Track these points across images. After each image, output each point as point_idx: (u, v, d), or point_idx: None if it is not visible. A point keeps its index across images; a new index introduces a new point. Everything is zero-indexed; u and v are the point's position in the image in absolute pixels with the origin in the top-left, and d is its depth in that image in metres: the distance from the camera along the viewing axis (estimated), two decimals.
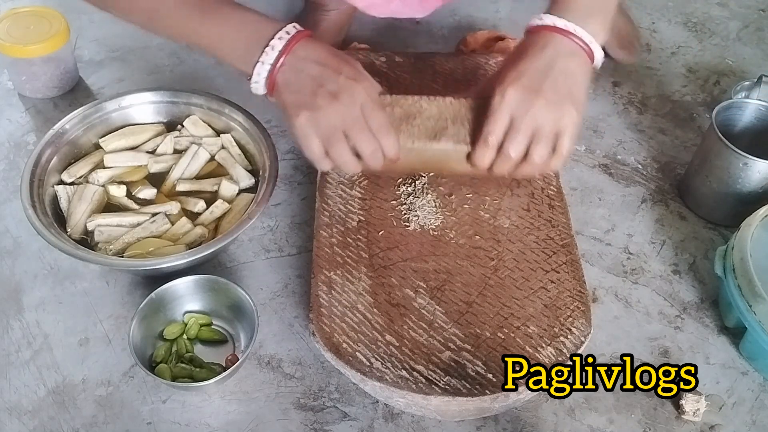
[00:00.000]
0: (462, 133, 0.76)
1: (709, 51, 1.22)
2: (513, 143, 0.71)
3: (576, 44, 0.73)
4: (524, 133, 0.71)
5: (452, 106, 0.79)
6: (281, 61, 0.72)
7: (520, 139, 0.71)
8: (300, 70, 0.72)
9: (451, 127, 0.77)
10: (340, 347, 0.72)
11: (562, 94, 0.71)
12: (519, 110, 0.71)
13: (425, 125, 0.77)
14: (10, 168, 0.98)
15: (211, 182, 0.89)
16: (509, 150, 0.71)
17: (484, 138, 0.72)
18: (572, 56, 0.73)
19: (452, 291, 0.77)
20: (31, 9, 1.06)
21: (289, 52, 0.72)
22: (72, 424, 0.74)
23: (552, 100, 0.70)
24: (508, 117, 0.71)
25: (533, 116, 0.70)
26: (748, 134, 0.95)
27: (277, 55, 0.72)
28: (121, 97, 0.94)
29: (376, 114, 0.73)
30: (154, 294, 0.77)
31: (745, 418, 0.77)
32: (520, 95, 0.71)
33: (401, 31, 1.22)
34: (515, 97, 0.71)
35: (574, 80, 0.72)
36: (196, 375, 0.75)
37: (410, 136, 0.76)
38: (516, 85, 0.71)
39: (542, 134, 0.71)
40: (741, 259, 0.80)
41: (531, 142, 0.72)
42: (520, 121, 0.71)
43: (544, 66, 0.72)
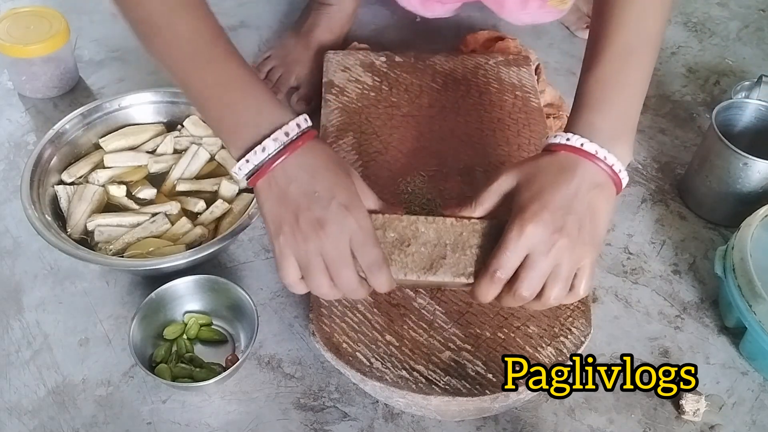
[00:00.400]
0: (462, 263, 0.66)
1: (709, 51, 1.22)
2: (527, 283, 0.62)
3: (604, 172, 0.65)
4: (543, 273, 0.62)
5: (453, 230, 0.67)
6: (271, 167, 0.62)
7: (536, 280, 0.62)
8: (289, 181, 0.62)
9: (450, 255, 0.66)
10: (340, 347, 0.72)
11: (586, 234, 0.63)
12: (539, 249, 0.62)
13: (420, 253, 0.66)
14: (10, 168, 0.98)
15: (211, 182, 0.89)
16: (522, 290, 0.63)
17: (490, 273, 0.63)
18: (599, 187, 0.64)
19: (452, 291, 0.77)
20: (31, 9, 1.06)
21: (283, 159, 0.62)
22: (72, 424, 0.74)
23: (575, 240, 0.62)
24: (524, 254, 0.62)
25: (553, 257, 0.62)
26: (748, 134, 0.95)
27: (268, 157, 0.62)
28: (121, 97, 0.94)
29: (367, 249, 0.63)
30: (154, 294, 0.77)
31: (745, 418, 0.77)
32: (541, 232, 0.62)
33: (401, 31, 1.22)
34: (536, 233, 0.62)
35: (599, 218, 0.64)
36: (196, 375, 0.75)
37: (402, 268, 0.66)
38: (537, 220, 0.62)
39: (560, 275, 0.63)
40: (741, 259, 0.80)
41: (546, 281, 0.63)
42: (539, 261, 0.62)
43: (569, 198, 0.63)
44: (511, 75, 1.01)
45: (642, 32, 0.69)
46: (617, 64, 0.68)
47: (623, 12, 0.68)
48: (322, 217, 0.61)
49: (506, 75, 1.01)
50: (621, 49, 0.68)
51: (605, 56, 0.68)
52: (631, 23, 0.68)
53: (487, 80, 1.00)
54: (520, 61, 1.03)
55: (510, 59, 1.04)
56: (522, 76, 1.01)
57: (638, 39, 0.68)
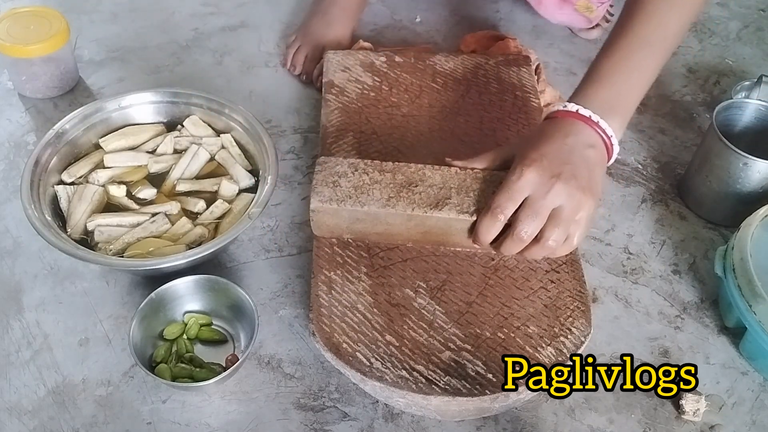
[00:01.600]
0: (467, 203, 0.72)
1: (709, 51, 1.22)
2: (527, 224, 0.67)
3: (598, 135, 0.71)
4: (541, 215, 0.67)
5: (458, 176, 0.75)
6: None
7: (536, 221, 0.67)
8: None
9: (455, 196, 0.73)
10: (340, 347, 0.72)
11: (583, 183, 0.68)
12: (538, 192, 0.67)
13: (427, 193, 0.74)
14: (10, 168, 0.98)
15: (211, 182, 0.89)
16: (521, 230, 0.67)
17: (492, 210, 0.68)
18: (593, 147, 0.70)
19: (452, 291, 0.77)
20: (31, 9, 1.06)
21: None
22: (72, 424, 0.74)
23: (572, 186, 0.67)
24: (523, 196, 0.68)
25: (552, 200, 0.67)
26: (748, 134, 0.95)
27: None
28: (121, 97, 0.94)
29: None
30: (154, 294, 0.77)
31: (745, 418, 0.77)
32: (539, 176, 0.67)
33: (401, 31, 1.22)
34: (534, 177, 0.67)
35: (594, 171, 0.69)
36: (196, 375, 0.75)
37: (410, 203, 0.73)
38: (536, 166, 0.67)
39: (560, 219, 0.67)
40: (741, 259, 0.80)
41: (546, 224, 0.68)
42: (538, 203, 0.67)
43: (566, 151, 0.69)
44: (511, 75, 1.01)
45: (661, 29, 0.74)
46: (629, 50, 0.73)
47: (650, 8, 0.74)
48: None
49: (506, 75, 1.01)
50: (637, 39, 0.73)
51: (620, 42, 0.74)
52: (654, 18, 0.73)
53: (487, 80, 1.00)
54: (520, 61, 1.03)
55: (510, 59, 1.04)
56: (522, 76, 1.01)
57: (656, 34, 0.74)
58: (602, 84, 0.73)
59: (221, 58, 1.16)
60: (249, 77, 1.12)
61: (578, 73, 1.15)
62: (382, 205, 0.75)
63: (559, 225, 0.67)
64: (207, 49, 1.17)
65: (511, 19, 1.25)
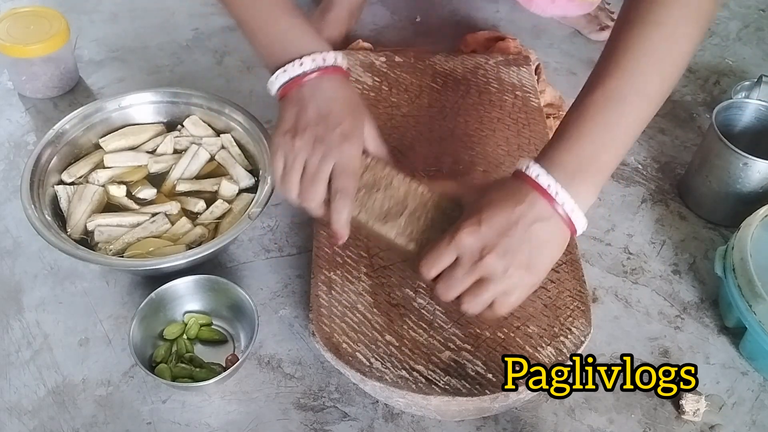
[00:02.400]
0: (408, 228, 0.69)
1: (709, 51, 1.22)
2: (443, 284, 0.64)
3: (551, 209, 0.63)
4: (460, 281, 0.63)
5: (420, 198, 0.71)
6: (303, 81, 0.71)
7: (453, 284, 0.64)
8: (312, 98, 0.71)
9: (404, 218, 0.70)
10: (340, 347, 0.72)
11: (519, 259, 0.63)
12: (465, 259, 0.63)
13: (380, 205, 0.71)
14: (10, 168, 0.98)
15: (211, 182, 0.89)
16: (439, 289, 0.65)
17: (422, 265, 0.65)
18: (544, 222, 0.63)
19: None
20: (31, 9, 1.06)
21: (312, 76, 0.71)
22: (72, 424, 0.74)
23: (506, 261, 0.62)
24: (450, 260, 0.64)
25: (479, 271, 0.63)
26: (748, 134, 0.95)
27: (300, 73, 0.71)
28: (121, 97, 0.94)
29: (344, 178, 0.69)
30: (154, 294, 0.77)
31: (745, 418, 0.77)
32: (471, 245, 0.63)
33: (401, 31, 1.22)
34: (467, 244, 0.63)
35: (539, 248, 0.63)
36: (196, 375, 0.75)
37: (360, 206, 0.71)
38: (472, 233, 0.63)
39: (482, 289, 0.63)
40: (741, 259, 0.80)
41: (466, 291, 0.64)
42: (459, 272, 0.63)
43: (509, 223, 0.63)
44: (511, 75, 1.01)
45: (640, 85, 0.65)
46: (602, 106, 0.65)
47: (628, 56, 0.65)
48: (323, 136, 0.69)
49: (506, 75, 1.01)
50: (611, 94, 0.65)
51: (593, 95, 0.65)
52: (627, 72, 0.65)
53: (487, 80, 1.00)
54: (520, 61, 1.03)
55: (510, 59, 1.04)
56: (522, 76, 1.01)
57: (634, 90, 0.65)
58: (569, 146, 0.65)
59: (221, 58, 1.16)
60: (249, 77, 1.12)
61: (578, 73, 1.16)
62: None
63: (479, 295, 0.63)
64: (207, 49, 1.17)
65: (511, 19, 1.25)
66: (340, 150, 0.69)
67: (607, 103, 0.65)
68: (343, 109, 0.71)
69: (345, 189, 0.69)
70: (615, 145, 0.66)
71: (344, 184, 0.69)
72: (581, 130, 0.65)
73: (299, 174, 0.70)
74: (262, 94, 1.08)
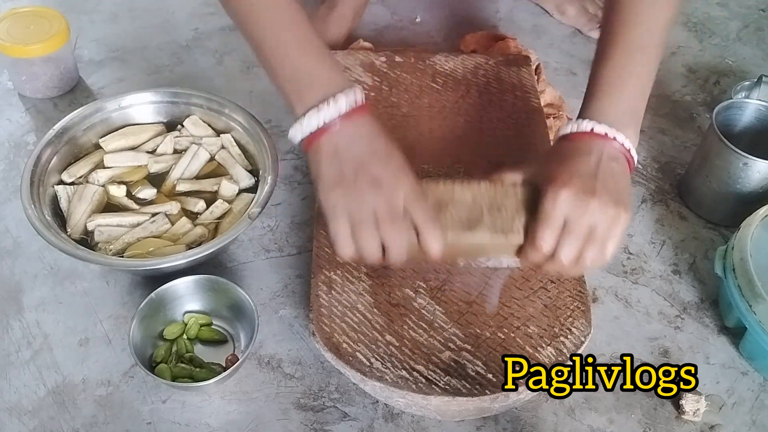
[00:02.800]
0: (499, 222, 0.69)
1: (709, 51, 1.22)
2: (568, 249, 0.66)
3: (617, 149, 0.70)
4: (579, 238, 0.66)
5: (487, 194, 0.71)
6: (336, 125, 0.66)
7: (575, 245, 0.66)
8: (349, 143, 0.67)
9: (486, 216, 0.70)
10: (340, 347, 0.72)
11: (614, 197, 0.67)
12: (574, 213, 0.66)
13: (459, 216, 0.70)
14: (10, 168, 0.98)
15: (211, 182, 0.89)
16: (563, 256, 0.66)
17: (538, 245, 0.67)
18: (616, 161, 0.69)
19: (452, 291, 0.77)
20: (31, 9, 1.06)
21: (349, 119, 0.67)
22: (72, 424, 0.74)
23: (606, 201, 0.66)
24: (562, 220, 0.66)
25: (589, 219, 0.66)
26: (748, 134, 0.95)
27: (336, 114, 0.66)
28: (121, 97, 0.94)
29: (421, 205, 0.67)
30: (154, 294, 0.77)
31: (745, 418, 0.77)
32: (574, 197, 0.66)
33: (401, 31, 1.22)
34: (569, 199, 0.66)
35: (622, 183, 0.69)
36: (196, 375, 0.75)
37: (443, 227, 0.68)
38: (569, 186, 0.66)
39: (595, 237, 0.66)
40: (741, 259, 0.80)
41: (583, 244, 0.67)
42: (576, 225, 0.66)
43: (592, 168, 0.68)
44: (511, 75, 1.01)
45: (650, 31, 0.73)
46: (625, 58, 0.73)
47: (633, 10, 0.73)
48: (380, 175, 0.66)
49: (506, 75, 1.01)
50: (630, 45, 0.73)
51: (615, 51, 0.73)
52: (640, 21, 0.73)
53: (487, 80, 1.00)
54: (520, 61, 1.03)
55: (510, 59, 1.04)
56: (522, 76, 1.01)
57: (646, 36, 0.73)
58: (609, 98, 0.72)
59: (221, 58, 1.16)
60: (249, 77, 1.12)
61: (578, 73, 1.16)
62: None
63: (595, 243, 0.66)
64: (207, 49, 1.17)
65: (511, 19, 1.25)
66: (402, 182, 0.66)
67: (630, 54, 0.73)
68: (384, 143, 0.69)
69: (427, 215, 0.67)
70: (643, 89, 0.74)
71: (424, 211, 0.67)
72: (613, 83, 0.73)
73: (374, 227, 0.65)
74: (262, 94, 1.09)
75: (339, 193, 0.65)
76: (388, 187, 0.65)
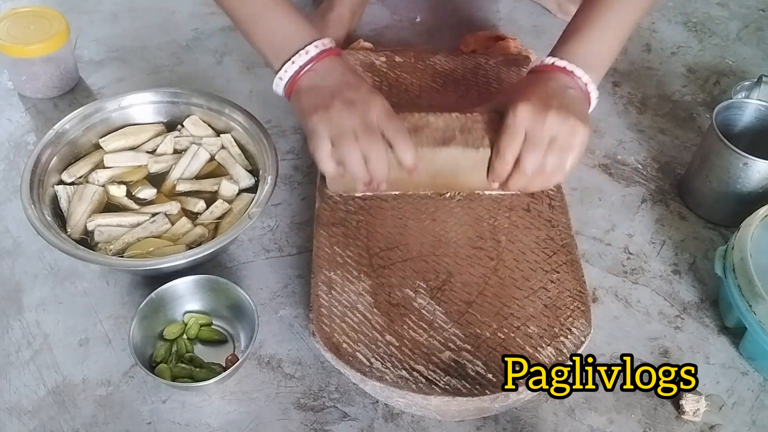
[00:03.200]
0: (470, 139, 0.78)
1: (709, 51, 1.22)
2: (530, 157, 0.74)
3: (575, 82, 0.78)
4: (540, 146, 0.74)
5: (459, 120, 0.80)
6: (309, 66, 0.77)
7: (537, 152, 0.74)
8: (323, 77, 0.76)
9: (458, 136, 0.79)
10: (340, 347, 0.72)
11: (571, 111, 0.74)
12: (534, 124, 0.74)
13: (433, 135, 0.79)
14: (10, 168, 0.98)
15: (211, 182, 0.89)
16: (526, 163, 0.75)
17: (502, 154, 0.76)
18: (573, 89, 0.77)
19: (452, 291, 0.77)
20: (31, 9, 1.06)
21: (319, 60, 0.77)
22: (72, 424, 0.74)
23: (564, 115, 0.73)
24: (523, 132, 0.74)
25: (548, 128, 0.73)
26: (748, 134, 0.95)
27: (308, 60, 0.76)
28: (121, 97, 0.94)
29: (392, 121, 0.75)
30: (154, 294, 0.77)
31: (745, 418, 0.77)
32: (533, 110, 0.74)
33: (401, 31, 1.22)
34: (528, 111, 0.74)
35: (578, 105, 0.76)
36: (196, 375, 0.75)
37: (417, 144, 0.77)
38: (528, 103, 0.74)
39: (555, 146, 0.74)
40: (741, 259, 0.80)
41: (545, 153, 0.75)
42: (536, 135, 0.74)
43: (550, 89, 0.76)
44: (511, 75, 1.01)
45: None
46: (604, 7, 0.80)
47: None
48: (354, 97, 0.75)
49: (506, 75, 1.01)
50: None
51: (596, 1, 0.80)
52: None
53: (487, 80, 1.00)
54: (520, 61, 1.03)
55: (510, 59, 1.04)
56: (522, 76, 1.01)
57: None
58: (578, 41, 0.79)
59: (221, 58, 1.16)
60: (249, 77, 1.12)
61: None
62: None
63: (555, 152, 0.74)
64: (207, 49, 1.17)
65: (511, 19, 1.25)
66: (374, 102, 0.75)
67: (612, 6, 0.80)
68: (354, 74, 0.78)
69: (398, 128, 0.75)
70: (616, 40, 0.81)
71: (395, 126, 0.75)
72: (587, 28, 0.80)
73: (354, 141, 0.73)
74: (262, 94, 1.09)
75: (318, 116, 0.74)
76: (361, 106, 0.74)
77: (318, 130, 0.74)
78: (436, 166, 0.79)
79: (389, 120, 0.75)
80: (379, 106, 0.75)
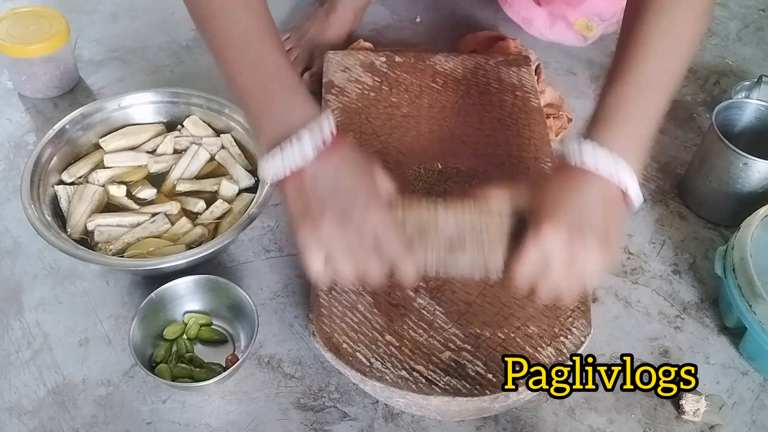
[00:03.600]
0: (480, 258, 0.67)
1: (709, 51, 1.22)
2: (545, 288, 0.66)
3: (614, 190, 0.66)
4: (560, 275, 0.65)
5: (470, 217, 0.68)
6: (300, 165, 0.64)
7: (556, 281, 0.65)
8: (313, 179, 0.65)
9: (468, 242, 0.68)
10: (340, 347, 0.72)
11: (600, 235, 0.65)
12: (559, 251, 0.64)
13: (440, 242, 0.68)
14: (10, 168, 0.98)
15: (211, 182, 0.89)
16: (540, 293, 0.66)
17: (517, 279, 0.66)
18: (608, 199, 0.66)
19: (452, 291, 0.77)
20: (31, 9, 1.06)
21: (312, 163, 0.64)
22: (72, 424, 0.74)
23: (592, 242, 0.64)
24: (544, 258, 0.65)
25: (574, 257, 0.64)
26: (748, 134, 0.95)
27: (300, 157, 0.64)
28: (121, 97, 0.94)
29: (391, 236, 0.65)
30: (154, 294, 0.77)
31: (745, 418, 0.77)
32: (560, 234, 0.64)
33: (401, 31, 1.22)
34: (555, 235, 0.64)
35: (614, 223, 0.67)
36: (196, 375, 0.75)
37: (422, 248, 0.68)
38: (554, 224, 0.64)
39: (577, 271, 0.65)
40: (741, 259, 0.80)
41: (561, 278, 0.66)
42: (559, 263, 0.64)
43: (582, 204, 0.65)
44: (511, 75, 1.01)
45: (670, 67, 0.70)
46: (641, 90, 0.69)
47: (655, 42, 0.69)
48: (348, 209, 0.64)
49: (506, 75, 1.01)
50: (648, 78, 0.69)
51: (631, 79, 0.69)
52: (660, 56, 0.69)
53: (487, 80, 1.00)
54: (520, 61, 1.03)
55: (510, 59, 1.04)
56: (522, 76, 1.01)
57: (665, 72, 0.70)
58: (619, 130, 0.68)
59: None
60: None
61: (578, 73, 1.16)
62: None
63: (575, 276, 0.65)
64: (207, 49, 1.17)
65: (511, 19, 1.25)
66: (372, 214, 0.65)
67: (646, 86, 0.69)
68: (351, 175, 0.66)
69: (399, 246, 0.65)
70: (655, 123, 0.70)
71: (393, 245, 0.65)
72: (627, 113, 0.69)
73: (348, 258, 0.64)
74: None
75: (307, 232, 0.64)
76: (356, 220, 0.64)
77: (308, 246, 0.64)
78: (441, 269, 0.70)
79: (387, 235, 0.65)
80: (375, 218, 0.65)
